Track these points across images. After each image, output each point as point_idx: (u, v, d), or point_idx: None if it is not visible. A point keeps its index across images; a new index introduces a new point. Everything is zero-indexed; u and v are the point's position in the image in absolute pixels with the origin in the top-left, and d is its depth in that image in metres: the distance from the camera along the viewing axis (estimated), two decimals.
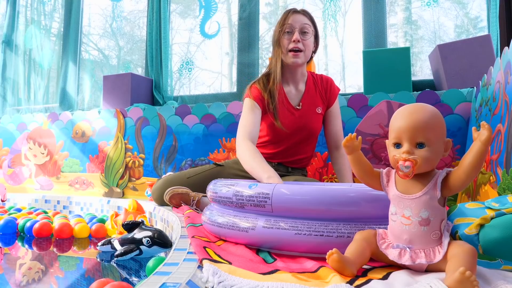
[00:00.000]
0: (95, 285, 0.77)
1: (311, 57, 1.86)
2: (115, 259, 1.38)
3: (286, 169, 1.88)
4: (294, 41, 1.70)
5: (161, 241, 1.37)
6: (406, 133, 0.77)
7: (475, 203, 0.94)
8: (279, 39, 1.75)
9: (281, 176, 1.82)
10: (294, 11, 1.74)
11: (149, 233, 1.38)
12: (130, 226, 1.46)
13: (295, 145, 1.86)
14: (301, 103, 1.84)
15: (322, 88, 1.89)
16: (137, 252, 1.38)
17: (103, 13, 3.99)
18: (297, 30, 1.70)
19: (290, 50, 1.72)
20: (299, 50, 1.72)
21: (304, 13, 1.75)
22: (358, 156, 0.87)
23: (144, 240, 1.36)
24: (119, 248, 1.43)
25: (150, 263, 1.09)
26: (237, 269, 0.78)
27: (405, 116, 0.79)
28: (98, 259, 1.50)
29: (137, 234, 1.41)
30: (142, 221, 1.48)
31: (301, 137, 1.83)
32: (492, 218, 0.81)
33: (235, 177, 1.92)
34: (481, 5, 2.71)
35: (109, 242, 1.52)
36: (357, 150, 0.87)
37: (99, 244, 1.56)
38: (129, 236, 1.43)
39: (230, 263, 0.84)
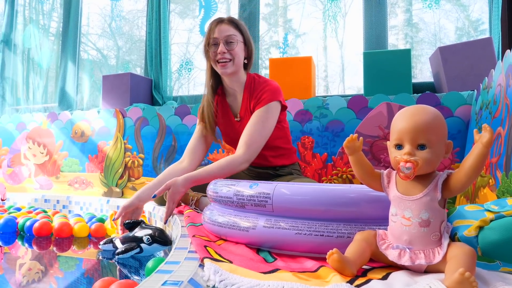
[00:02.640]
0: (99, 284, 0.77)
1: (248, 64, 1.81)
2: (116, 257, 1.38)
3: (271, 170, 1.89)
4: (219, 53, 1.68)
5: (161, 239, 1.38)
6: (407, 135, 0.77)
7: (474, 205, 0.95)
8: (207, 52, 1.74)
9: (272, 177, 1.87)
10: (219, 21, 1.71)
11: (150, 231, 1.39)
12: (131, 225, 1.46)
13: None
14: (239, 115, 1.82)
15: (255, 94, 1.79)
16: (137, 250, 1.38)
17: (102, 12, 3.99)
18: (222, 41, 1.68)
19: (218, 62, 1.71)
20: (227, 61, 1.70)
21: (230, 22, 1.71)
22: (359, 157, 0.87)
23: (145, 238, 1.37)
24: (120, 246, 1.44)
25: (150, 264, 1.09)
26: (238, 268, 0.79)
27: (406, 118, 0.79)
28: (100, 257, 1.50)
29: (138, 232, 1.42)
30: (143, 220, 1.49)
31: None
32: (491, 221, 0.81)
33: (235, 175, 1.92)
34: (483, 8, 2.72)
35: (111, 241, 1.52)
36: (358, 151, 0.87)
37: (101, 243, 1.56)
38: (130, 235, 1.44)
39: (231, 262, 0.84)
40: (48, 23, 4.12)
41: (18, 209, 2.46)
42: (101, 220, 2.09)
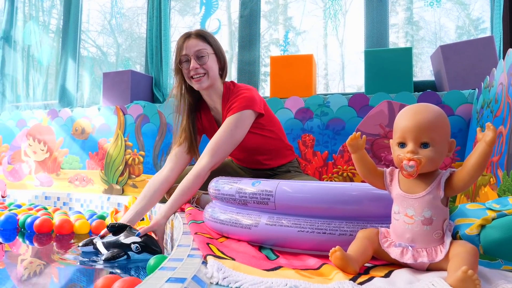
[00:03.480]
0: (102, 281, 0.77)
1: (223, 74, 1.77)
2: (103, 263, 1.31)
3: (269, 171, 1.89)
4: (192, 69, 1.65)
5: (151, 248, 1.32)
6: (410, 133, 0.78)
7: (476, 204, 0.95)
8: (179, 72, 1.71)
9: (270, 177, 1.86)
10: (187, 37, 1.67)
11: (138, 239, 1.32)
12: (116, 229, 1.39)
13: (246, 159, 1.87)
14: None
15: (228, 103, 1.74)
16: (125, 257, 1.32)
17: (102, 9, 3.99)
18: (193, 57, 1.64)
19: (192, 78, 1.67)
20: (201, 75, 1.66)
21: (197, 36, 1.67)
22: (362, 155, 0.87)
23: (133, 246, 1.31)
24: (104, 251, 1.37)
25: (151, 262, 1.09)
26: (241, 265, 0.79)
27: (410, 116, 0.79)
28: (78, 263, 1.37)
29: (125, 238, 1.34)
30: (129, 225, 1.42)
31: (243, 153, 1.78)
32: (493, 219, 0.82)
33: (234, 173, 1.92)
34: (483, 6, 2.72)
35: (91, 242, 1.45)
36: (361, 149, 0.87)
37: (80, 244, 1.47)
38: (114, 240, 1.36)
39: (233, 259, 0.84)
40: (48, 20, 4.11)
41: (19, 206, 2.46)
42: (102, 217, 2.09)
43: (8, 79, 3.91)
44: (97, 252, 1.42)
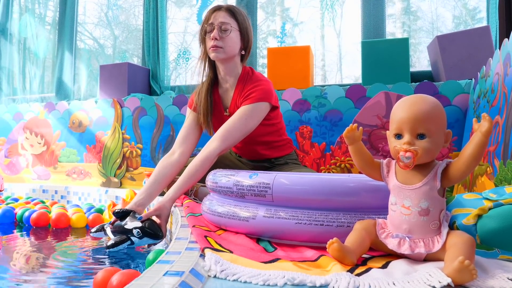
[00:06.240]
0: (101, 274, 0.77)
1: (245, 56, 1.77)
2: (107, 250, 1.33)
3: (266, 162, 1.89)
4: (212, 38, 1.65)
5: (152, 232, 1.32)
6: (407, 124, 0.78)
7: (472, 194, 0.96)
8: (203, 40, 1.72)
9: (267, 168, 1.87)
10: (216, 8, 1.68)
11: (139, 224, 1.32)
12: (121, 215, 1.40)
13: (244, 148, 1.86)
14: (228, 110, 1.78)
15: (245, 91, 1.72)
16: (128, 242, 1.32)
17: (98, 1, 3.96)
18: (217, 27, 1.64)
19: (211, 47, 1.66)
20: (219, 47, 1.65)
21: (227, 10, 1.67)
22: (359, 147, 0.87)
23: (135, 231, 1.31)
24: (112, 237, 1.38)
25: (150, 256, 1.10)
26: (239, 257, 0.79)
27: (406, 107, 0.79)
28: (90, 255, 1.44)
29: (128, 224, 1.35)
30: (133, 210, 1.43)
31: (242, 141, 1.75)
32: (490, 209, 0.82)
33: (232, 165, 1.92)
34: None
35: (103, 229, 1.48)
36: (358, 141, 0.87)
37: (93, 230, 1.52)
38: (121, 224, 1.38)
39: (231, 252, 0.85)
40: (44, 12, 4.08)
41: (16, 200, 2.46)
42: (100, 211, 2.09)
43: (4, 72, 3.89)
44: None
